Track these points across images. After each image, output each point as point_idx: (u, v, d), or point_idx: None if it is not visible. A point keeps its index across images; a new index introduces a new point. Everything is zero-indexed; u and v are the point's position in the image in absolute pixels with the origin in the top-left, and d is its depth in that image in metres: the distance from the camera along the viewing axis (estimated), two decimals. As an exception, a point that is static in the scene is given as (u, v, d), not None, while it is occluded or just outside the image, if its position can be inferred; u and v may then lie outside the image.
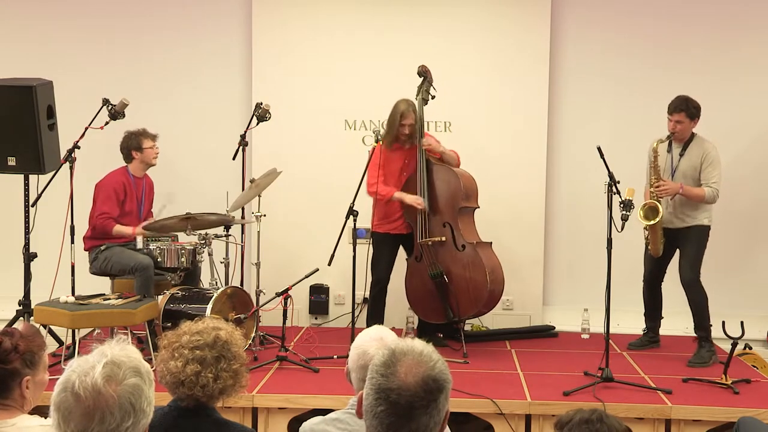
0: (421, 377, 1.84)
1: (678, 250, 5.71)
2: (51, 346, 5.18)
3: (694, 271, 5.58)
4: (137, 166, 5.83)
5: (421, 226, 5.76)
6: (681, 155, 5.60)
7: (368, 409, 1.86)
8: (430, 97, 5.82)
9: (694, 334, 5.75)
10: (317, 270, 5.45)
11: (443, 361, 1.91)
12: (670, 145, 5.60)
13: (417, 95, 5.81)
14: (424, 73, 5.82)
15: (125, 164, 5.84)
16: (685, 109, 5.50)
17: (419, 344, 1.92)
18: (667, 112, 5.55)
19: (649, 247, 5.71)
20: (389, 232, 5.89)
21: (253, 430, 3.33)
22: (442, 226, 5.77)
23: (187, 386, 2.62)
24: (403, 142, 5.77)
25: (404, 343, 1.92)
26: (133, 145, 5.79)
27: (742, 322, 5.16)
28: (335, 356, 5.52)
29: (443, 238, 5.75)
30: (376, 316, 5.73)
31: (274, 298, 5.31)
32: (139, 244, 5.67)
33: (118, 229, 5.64)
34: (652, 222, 5.50)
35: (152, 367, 2.07)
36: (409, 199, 5.73)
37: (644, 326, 6.04)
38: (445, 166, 5.82)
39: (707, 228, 5.64)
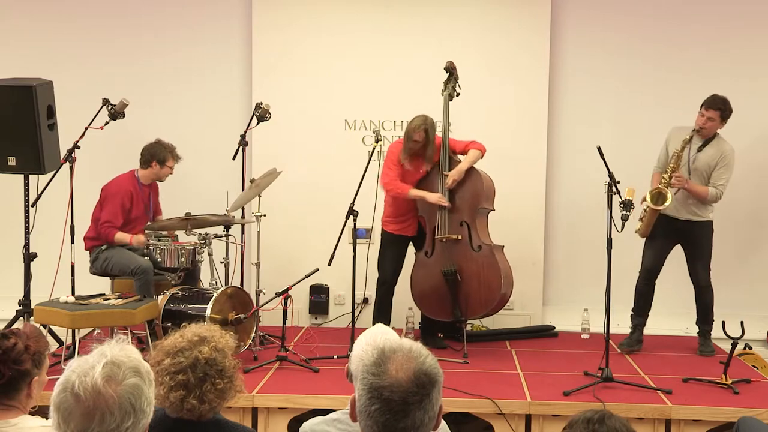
0: (412, 372, 1.84)
1: (681, 247, 5.72)
2: (51, 346, 5.17)
3: (707, 271, 5.68)
4: (148, 175, 5.83)
5: (439, 221, 5.73)
6: (699, 150, 5.55)
7: (362, 410, 1.85)
8: (455, 93, 5.78)
9: (696, 331, 5.83)
10: (317, 270, 5.44)
11: (433, 356, 1.91)
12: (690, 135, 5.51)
13: (443, 91, 5.77)
14: (450, 69, 5.78)
15: (135, 169, 5.84)
16: (722, 108, 5.45)
17: (408, 342, 1.93)
18: (701, 107, 5.49)
19: (638, 228, 5.65)
20: (396, 233, 5.85)
21: (253, 430, 3.32)
22: (458, 225, 5.73)
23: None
24: (417, 153, 5.69)
25: (393, 342, 1.93)
26: (159, 156, 5.78)
27: (742, 322, 5.17)
28: (335, 356, 5.53)
29: (459, 237, 5.72)
30: (381, 317, 5.67)
31: (274, 298, 5.30)
32: (136, 243, 5.65)
33: (119, 236, 5.67)
34: (659, 207, 5.46)
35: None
36: (433, 198, 5.65)
37: (632, 324, 5.93)
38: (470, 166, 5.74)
39: (711, 223, 5.68)
